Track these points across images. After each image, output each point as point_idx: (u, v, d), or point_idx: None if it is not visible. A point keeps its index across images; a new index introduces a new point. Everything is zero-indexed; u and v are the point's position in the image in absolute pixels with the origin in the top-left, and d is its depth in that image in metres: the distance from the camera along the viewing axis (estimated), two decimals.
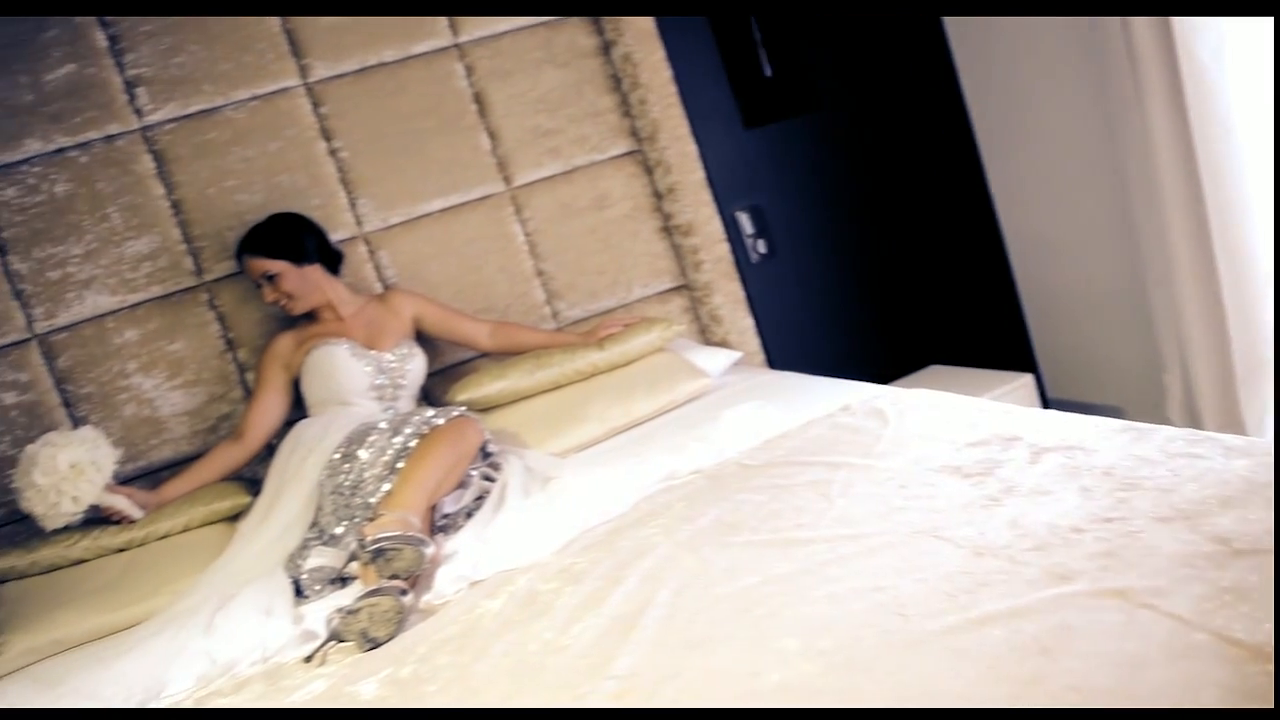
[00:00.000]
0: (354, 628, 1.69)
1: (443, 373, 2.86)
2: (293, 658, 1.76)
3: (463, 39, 2.87)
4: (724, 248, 3.05)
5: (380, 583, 1.79)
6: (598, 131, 3.01)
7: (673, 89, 2.97)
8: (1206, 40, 2.36)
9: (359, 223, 2.81)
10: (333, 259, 2.64)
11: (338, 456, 2.25)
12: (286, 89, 2.73)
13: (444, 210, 2.88)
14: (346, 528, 2.18)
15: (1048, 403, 3.40)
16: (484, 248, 2.91)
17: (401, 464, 2.18)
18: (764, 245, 3.20)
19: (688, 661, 1.29)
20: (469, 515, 2.19)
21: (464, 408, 2.36)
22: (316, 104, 2.76)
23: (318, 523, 2.24)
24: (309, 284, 2.55)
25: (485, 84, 2.90)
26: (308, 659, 1.71)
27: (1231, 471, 1.41)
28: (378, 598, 1.71)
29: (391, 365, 2.57)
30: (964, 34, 3.20)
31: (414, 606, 1.79)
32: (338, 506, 2.21)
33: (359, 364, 2.52)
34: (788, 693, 1.17)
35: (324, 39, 2.75)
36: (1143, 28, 2.44)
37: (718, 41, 3.13)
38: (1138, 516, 1.36)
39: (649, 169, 3.05)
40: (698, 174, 3.00)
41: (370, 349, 2.56)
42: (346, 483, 2.21)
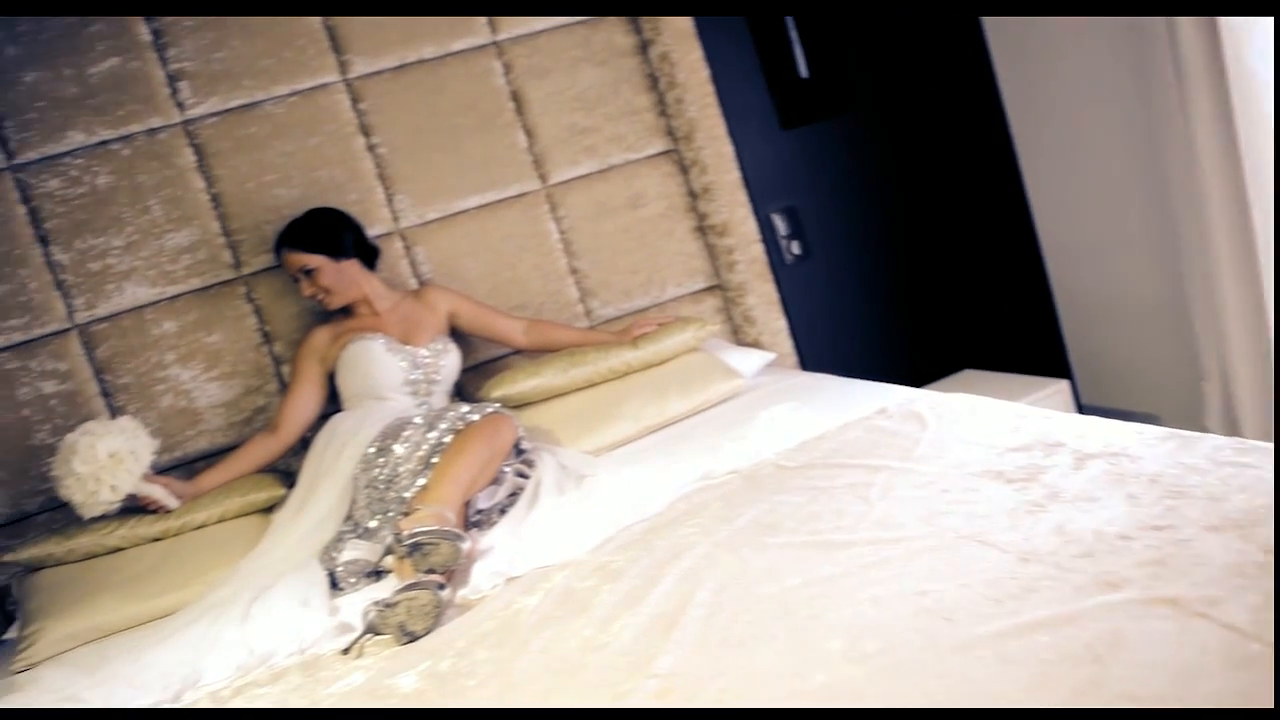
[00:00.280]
0: (391, 621, 1.70)
1: (476, 369, 2.87)
2: (329, 649, 1.77)
3: (501, 37, 2.88)
4: (758, 248, 3.04)
5: (417, 577, 1.79)
6: (634, 130, 3.00)
7: (710, 89, 2.96)
8: (1254, 42, 2.33)
9: (395, 218, 2.82)
10: (369, 254, 2.65)
11: (372, 451, 2.26)
12: (326, 85, 2.74)
13: (480, 207, 2.89)
14: (381, 521, 2.19)
15: (1081, 409, 3.37)
16: (519, 245, 2.92)
17: (436, 459, 2.18)
18: (798, 246, 3.19)
19: (730, 661, 1.29)
20: (502, 512, 2.20)
21: (498, 404, 2.37)
22: (356, 100, 2.77)
23: (352, 516, 2.25)
24: (346, 279, 2.56)
25: (523, 82, 2.90)
26: (345, 651, 1.72)
27: None
28: (415, 591, 1.72)
29: (426, 361, 2.58)
30: (1002, 34, 3.17)
31: (450, 601, 1.79)
32: (372, 500, 2.22)
33: (394, 359, 2.53)
34: (833, 695, 1.16)
35: (364, 36, 2.76)
36: (1188, 28, 2.41)
37: (755, 42, 3.12)
38: (1187, 525, 1.35)
39: (684, 168, 3.05)
40: (733, 174, 3.00)
41: (405, 344, 2.57)
42: (381, 477, 2.22)
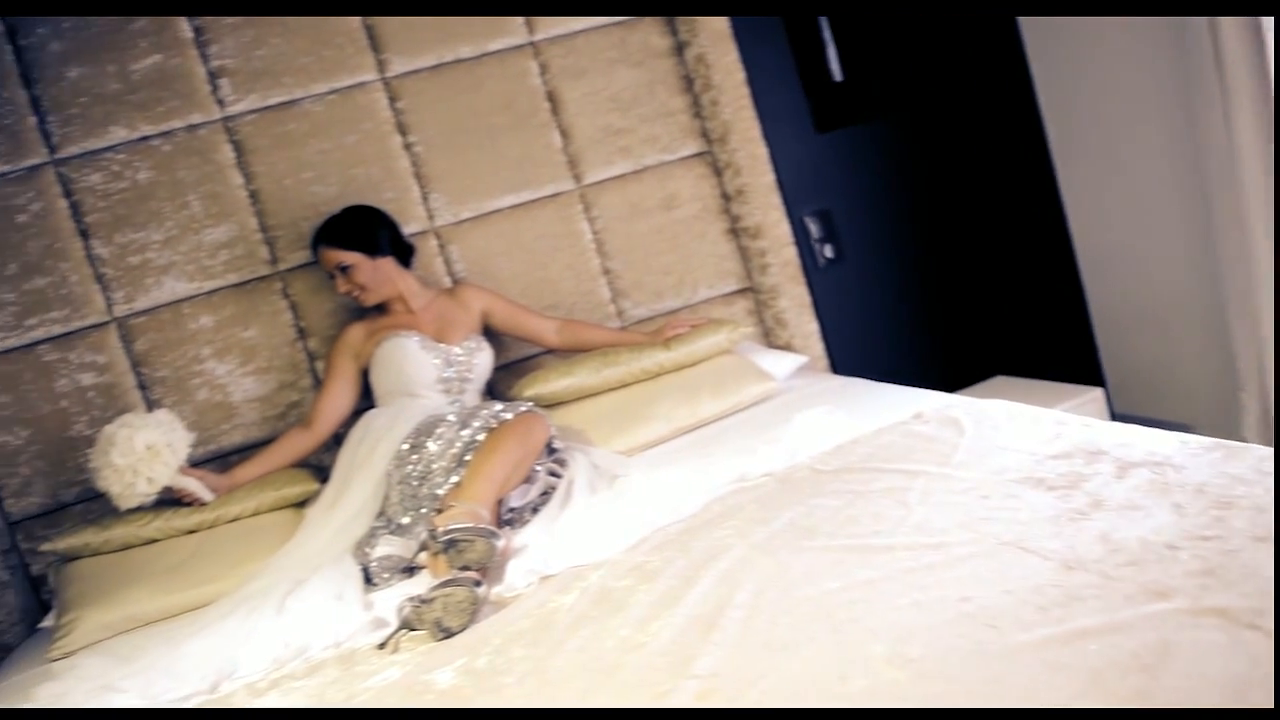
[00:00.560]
0: (428, 617, 1.70)
1: (507, 368, 2.87)
2: (364, 644, 1.78)
3: (538, 37, 2.89)
4: (791, 251, 3.03)
5: (453, 573, 1.79)
6: (668, 132, 3.01)
7: (745, 91, 2.96)
8: None
9: (431, 217, 2.83)
10: (405, 252, 2.66)
11: (406, 447, 2.27)
12: (364, 83, 2.76)
13: (514, 206, 2.89)
14: (413, 518, 2.20)
15: (1114, 417, 3.33)
16: (552, 245, 2.93)
17: (469, 457, 2.19)
18: (831, 250, 3.18)
19: (772, 663, 1.28)
20: (535, 510, 2.20)
21: (531, 403, 2.37)
22: (393, 99, 2.79)
23: (385, 512, 2.26)
24: (381, 276, 2.57)
25: (559, 82, 2.91)
26: (381, 646, 1.72)
27: None
28: (452, 588, 1.72)
29: (459, 359, 2.59)
30: (1039, 37, 3.15)
31: (486, 598, 1.80)
32: (405, 497, 2.23)
33: (428, 356, 2.54)
34: (877, 699, 1.15)
35: (402, 35, 2.78)
36: (1231, 29, 2.38)
37: (791, 45, 3.11)
38: (1235, 535, 1.33)
39: (718, 170, 3.04)
40: (767, 177, 2.99)
41: (439, 342, 2.58)
42: (414, 473, 2.23)
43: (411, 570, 2.11)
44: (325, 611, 1.90)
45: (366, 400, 2.60)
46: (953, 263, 3.34)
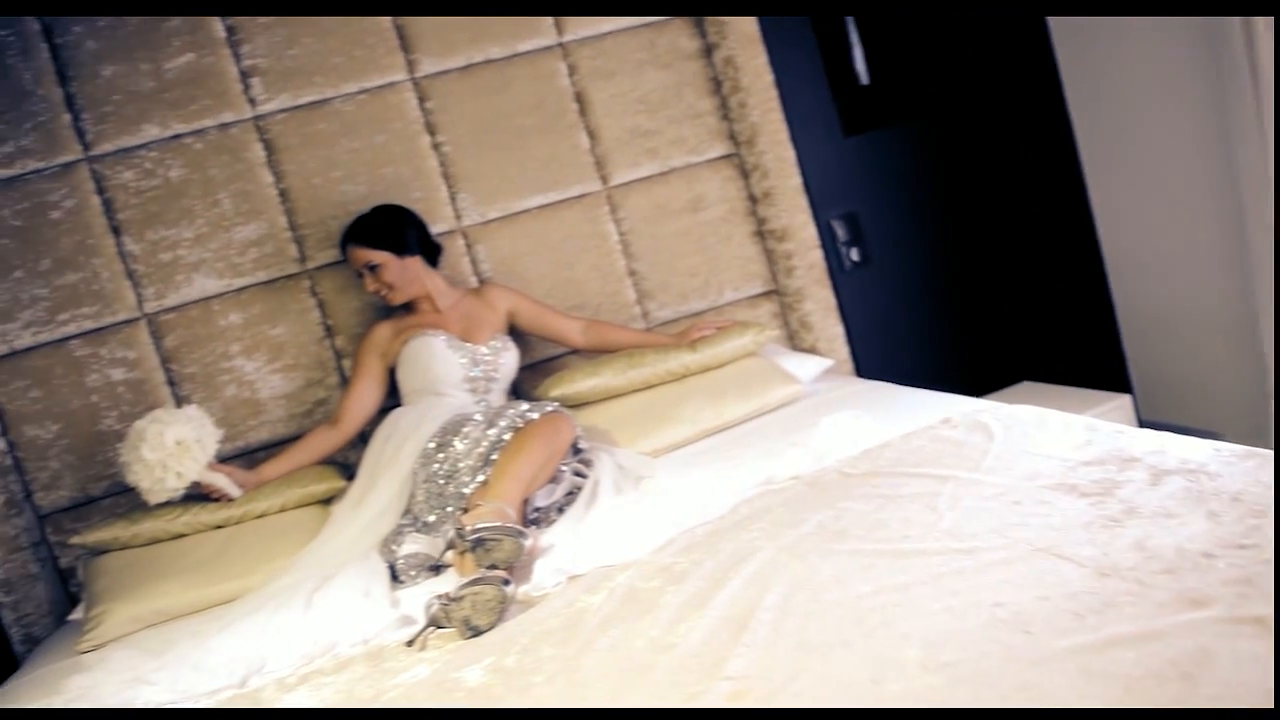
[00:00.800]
0: (456, 615, 1.70)
1: (533, 368, 2.88)
2: (392, 640, 1.78)
3: (567, 38, 2.90)
4: (817, 254, 3.03)
5: (481, 571, 1.80)
6: (696, 134, 3.01)
7: (773, 93, 2.96)
8: None
9: (458, 217, 2.84)
10: (433, 252, 2.67)
11: (432, 446, 2.28)
12: (394, 83, 2.77)
13: (541, 207, 2.90)
14: (439, 516, 2.20)
15: (1141, 424, 3.31)
16: (578, 246, 2.93)
17: (495, 456, 2.19)
18: (857, 253, 3.17)
19: (804, 666, 1.28)
20: (560, 510, 2.21)
21: (557, 403, 2.38)
22: (422, 99, 2.80)
23: (411, 510, 2.27)
24: (409, 275, 2.59)
25: (587, 83, 2.92)
26: (409, 643, 1.73)
27: None
28: (481, 586, 1.72)
29: (486, 358, 2.59)
30: (1070, 40, 3.12)
31: (513, 597, 1.80)
32: (431, 495, 2.23)
33: (455, 356, 2.55)
34: (911, 703, 1.15)
35: (433, 35, 2.79)
36: (1265, 33, 2.36)
37: (820, 48, 3.11)
38: (1272, 544, 1.32)
39: (745, 173, 3.04)
40: (795, 180, 2.99)
41: (466, 341, 2.59)
42: (440, 472, 2.24)
43: (438, 568, 2.12)
44: (353, 608, 1.91)
45: (393, 399, 2.61)
46: (979, 267, 3.32)
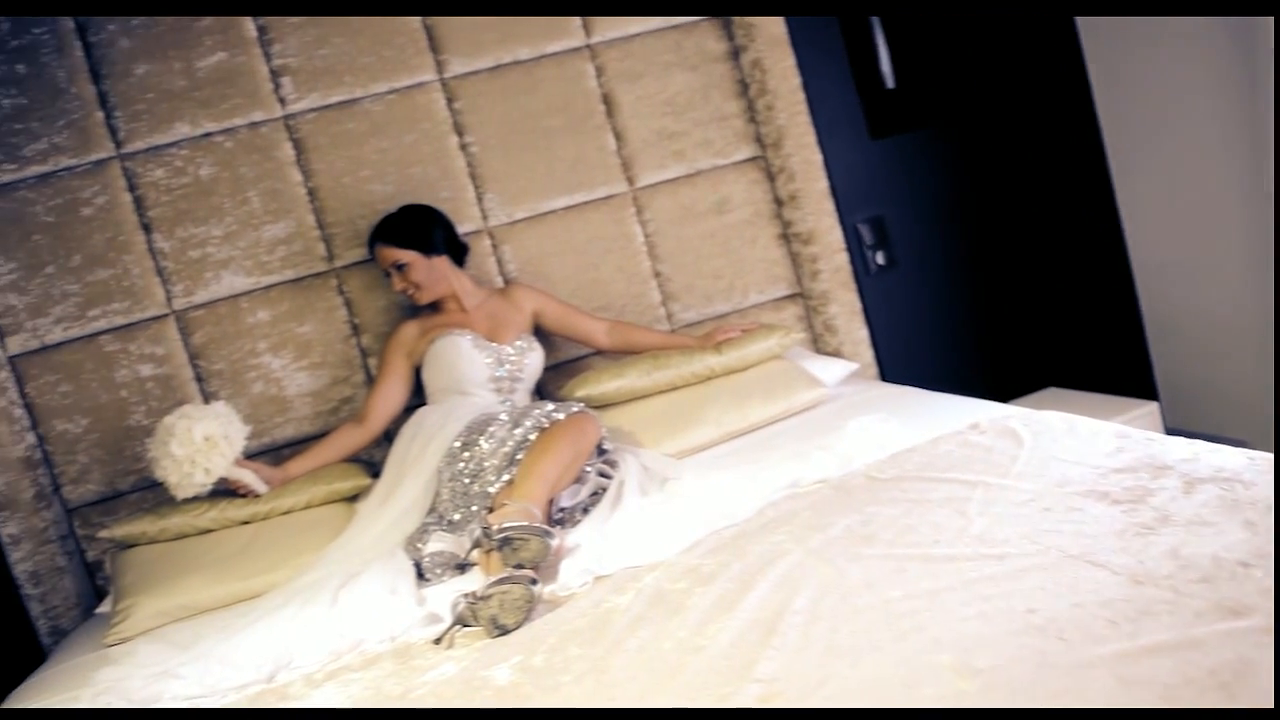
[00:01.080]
0: (484, 614, 1.71)
1: (557, 368, 2.88)
2: (419, 638, 1.79)
3: (595, 40, 2.90)
4: (843, 257, 3.02)
5: (509, 570, 1.80)
6: (722, 136, 3.00)
7: (801, 96, 2.95)
8: None
9: (485, 217, 2.85)
10: (460, 251, 2.68)
11: (458, 445, 2.29)
12: (423, 83, 2.79)
13: (567, 208, 2.91)
14: (464, 515, 2.21)
15: (1168, 432, 3.28)
16: (604, 247, 2.93)
17: (521, 456, 2.20)
18: (883, 257, 3.16)
19: (834, 669, 1.28)
20: (585, 511, 2.21)
21: (582, 404, 2.38)
22: (451, 99, 2.81)
23: (435, 508, 2.28)
24: (436, 275, 2.60)
25: (614, 85, 2.92)
26: (436, 641, 1.74)
27: None
28: (508, 585, 1.73)
29: (511, 358, 2.60)
30: (1099, 42, 3.10)
31: (540, 597, 1.80)
32: (456, 494, 2.24)
33: (480, 355, 2.56)
34: (945, 708, 1.14)
35: (461, 36, 2.80)
36: None
37: (847, 51, 3.10)
38: None
39: (771, 175, 3.04)
40: (821, 183, 2.98)
41: (492, 341, 2.59)
42: (466, 471, 2.24)
43: (463, 567, 2.12)
44: (379, 605, 1.92)
45: (418, 397, 2.62)
46: (1005, 272, 3.30)
